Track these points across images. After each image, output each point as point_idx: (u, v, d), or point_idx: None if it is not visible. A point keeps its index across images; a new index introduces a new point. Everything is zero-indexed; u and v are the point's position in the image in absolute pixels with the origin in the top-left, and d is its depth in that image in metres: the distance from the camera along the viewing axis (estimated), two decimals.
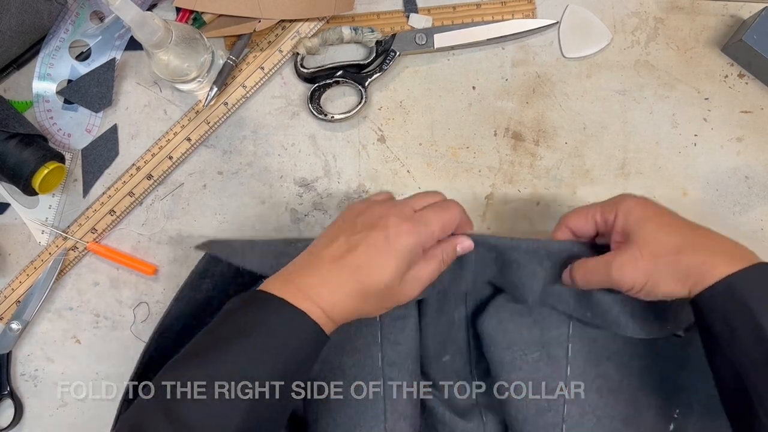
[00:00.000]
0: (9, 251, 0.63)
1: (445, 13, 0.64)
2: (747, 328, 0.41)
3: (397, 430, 0.51)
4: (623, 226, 0.46)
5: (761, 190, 0.63)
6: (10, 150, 0.57)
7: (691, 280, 0.43)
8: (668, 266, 0.44)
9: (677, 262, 0.43)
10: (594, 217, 0.49)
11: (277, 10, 0.61)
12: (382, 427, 0.50)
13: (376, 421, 0.50)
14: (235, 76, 0.63)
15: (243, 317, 0.42)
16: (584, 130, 0.63)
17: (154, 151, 0.63)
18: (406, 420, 0.51)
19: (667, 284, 0.44)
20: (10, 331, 0.61)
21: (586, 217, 0.49)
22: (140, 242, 0.63)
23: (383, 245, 0.44)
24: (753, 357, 0.41)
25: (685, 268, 0.43)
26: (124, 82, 0.64)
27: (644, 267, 0.44)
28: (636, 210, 0.46)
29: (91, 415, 0.62)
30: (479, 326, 0.54)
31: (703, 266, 0.43)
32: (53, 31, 0.63)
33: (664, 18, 0.64)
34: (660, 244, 0.44)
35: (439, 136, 0.64)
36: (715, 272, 0.42)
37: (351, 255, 0.44)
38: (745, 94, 0.63)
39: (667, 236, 0.45)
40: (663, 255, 0.44)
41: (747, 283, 0.42)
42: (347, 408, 0.51)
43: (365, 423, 0.50)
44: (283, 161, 0.63)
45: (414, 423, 0.52)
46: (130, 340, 0.62)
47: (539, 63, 0.64)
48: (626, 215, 0.46)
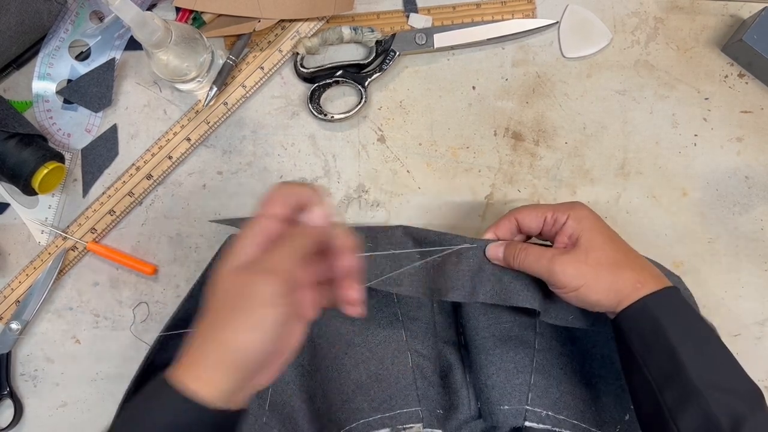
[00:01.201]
0: (9, 251, 0.63)
1: (445, 13, 0.64)
2: (660, 346, 0.44)
3: (428, 396, 0.54)
4: (573, 230, 0.49)
5: (761, 190, 0.63)
6: (9, 150, 0.57)
7: (622, 294, 0.46)
8: (606, 277, 0.47)
9: (615, 275, 0.47)
10: (545, 214, 0.51)
11: (277, 10, 0.61)
12: (415, 395, 0.53)
13: (409, 389, 0.53)
14: (235, 76, 0.63)
15: (138, 405, 0.38)
16: (584, 130, 0.63)
17: (154, 151, 0.63)
18: (434, 387, 0.54)
19: (599, 293, 0.47)
20: (9, 331, 0.61)
21: (537, 213, 0.51)
22: (140, 242, 0.63)
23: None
24: (666, 373, 0.44)
25: (621, 281, 0.46)
26: (124, 82, 0.64)
27: (585, 271, 0.47)
28: (589, 219, 0.49)
29: (91, 415, 0.62)
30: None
31: (637, 283, 0.46)
32: (53, 31, 0.63)
33: (664, 18, 0.64)
34: (605, 255, 0.47)
35: (439, 136, 0.63)
36: (632, 296, 0.46)
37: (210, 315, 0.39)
38: (745, 94, 0.63)
39: (612, 250, 0.48)
40: (605, 265, 0.47)
41: (660, 304, 0.45)
42: (381, 382, 0.54)
43: (399, 392, 0.53)
44: (282, 161, 0.63)
45: (439, 390, 0.55)
46: (130, 340, 0.62)
47: (539, 63, 0.64)
48: (578, 221, 0.49)
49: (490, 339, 0.54)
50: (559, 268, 0.47)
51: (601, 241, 0.48)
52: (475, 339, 0.55)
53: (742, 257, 0.62)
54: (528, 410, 0.52)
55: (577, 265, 0.47)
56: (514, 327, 0.55)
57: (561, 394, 0.53)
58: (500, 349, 0.54)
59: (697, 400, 0.42)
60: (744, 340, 0.62)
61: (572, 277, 0.47)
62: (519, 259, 0.50)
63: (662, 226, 0.63)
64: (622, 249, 0.49)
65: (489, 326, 0.55)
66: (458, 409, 0.54)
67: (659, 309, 0.45)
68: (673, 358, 0.43)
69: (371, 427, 0.52)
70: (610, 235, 0.49)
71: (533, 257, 0.49)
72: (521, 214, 0.52)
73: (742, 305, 0.62)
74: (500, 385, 0.53)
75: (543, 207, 0.52)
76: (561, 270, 0.47)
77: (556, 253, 0.48)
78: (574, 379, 0.55)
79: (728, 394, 0.42)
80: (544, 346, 0.55)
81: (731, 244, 0.63)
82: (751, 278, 0.62)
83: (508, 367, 0.53)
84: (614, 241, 0.49)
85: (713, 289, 0.62)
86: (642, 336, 0.45)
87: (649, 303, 0.46)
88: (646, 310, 0.45)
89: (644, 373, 0.45)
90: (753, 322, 0.62)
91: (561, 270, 0.47)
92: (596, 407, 0.55)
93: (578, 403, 0.54)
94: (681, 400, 0.43)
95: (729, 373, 0.45)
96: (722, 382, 0.43)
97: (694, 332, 0.45)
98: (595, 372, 0.56)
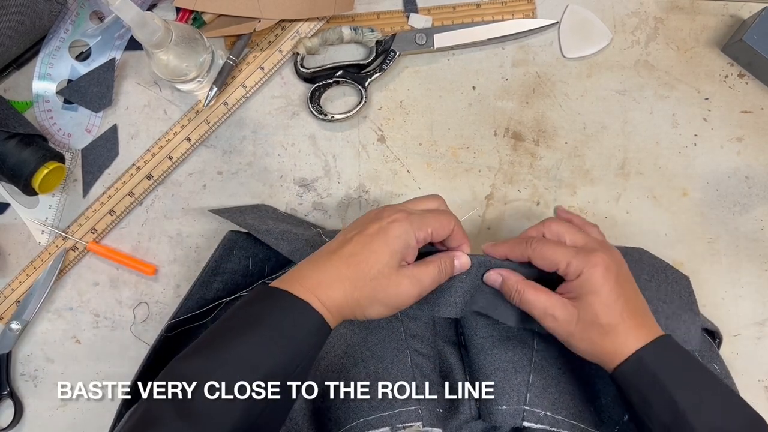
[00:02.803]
0: (9, 251, 0.63)
1: (445, 13, 0.64)
2: (660, 399, 0.44)
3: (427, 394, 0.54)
4: (579, 288, 0.48)
5: (761, 190, 0.63)
6: (10, 150, 0.57)
7: (605, 358, 0.47)
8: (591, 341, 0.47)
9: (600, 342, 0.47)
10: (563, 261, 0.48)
11: (277, 10, 0.61)
12: (414, 393, 0.53)
13: (409, 387, 0.53)
14: (235, 76, 0.63)
15: (249, 310, 0.44)
16: (584, 130, 0.63)
17: (154, 151, 0.63)
18: (434, 387, 0.54)
19: (586, 353, 0.48)
20: (10, 331, 0.61)
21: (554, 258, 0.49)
22: (140, 242, 0.63)
23: (375, 233, 0.46)
24: (669, 424, 0.44)
25: (602, 349, 0.47)
26: (124, 82, 0.64)
27: (572, 331, 0.47)
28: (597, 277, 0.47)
29: (91, 415, 0.62)
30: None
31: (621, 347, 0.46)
32: (53, 31, 0.63)
33: (664, 18, 0.64)
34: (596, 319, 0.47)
35: (439, 136, 0.63)
36: (625, 350, 0.46)
37: (346, 246, 0.46)
38: (745, 94, 0.63)
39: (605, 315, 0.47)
40: (592, 329, 0.47)
41: (655, 355, 0.45)
42: (380, 381, 0.54)
43: (399, 393, 0.53)
44: (282, 161, 0.63)
45: (440, 390, 0.55)
46: (130, 340, 0.62)
47: (539, 63, 0.64)
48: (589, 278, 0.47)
49: (488, 339, 0.54)
50: (551, 323, 0.48)
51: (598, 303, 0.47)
52: (473, 339, 0.55)
53: (742, 257, 0.62)
54: (526, 410, 0.52)
55: (569, 322, 0.47)
56: (513, 327, 0.55)
57: (559, 394, 0.53)
58: (498, 350, 0.54)
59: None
60: (744, 340, 0.62)
61: (557, 329, 0.48)
62: (517, 298, 0.50)
63: (662, 226, 0.63)
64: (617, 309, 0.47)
65: (487, 326, 0.55)
66: (458, 408, 0.54)
67: (654, 361, 0.45)
68: (674, 409, 0.44)
69: (371, 426, 0.52)
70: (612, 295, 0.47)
71: (534, 299, 0.49)
72: (538, 252, 0.49)
73: (742, 305, 0.62)
74: (498, 385, 0.53)
75: (562, 250, 0.48)
76: (553, 323, 0.48)
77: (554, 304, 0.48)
78: (572, 379, 0.55)
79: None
80: (543, 346, 0.55)
81: (731, 244, 0.63)
82: (751, 278, 0.62)
83: (506, 367, 0.53)
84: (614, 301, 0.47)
85: (713, 289, 0.62)
86: (640, 391, 0.45)
87: (644, 357, 0.45)
88: (642, 365, 0.45)
89: (647, 426, 0.45)
90: (753, 322, 0.62)
91: (553, 323, 0.48)
92: (594, 407, 0.55)
93: (577, 403, 0.54)
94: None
95: (732, 415, 0.45)
96: (724, 425, 0.43)
97: (692, 379, 0.45)
98: (593, 372, 0.56)
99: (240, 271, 0.59)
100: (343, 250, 0.46)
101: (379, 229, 0.46)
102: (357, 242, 0.46)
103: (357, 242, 0.46)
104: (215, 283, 0.58)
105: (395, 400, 0.53)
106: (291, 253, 0.55)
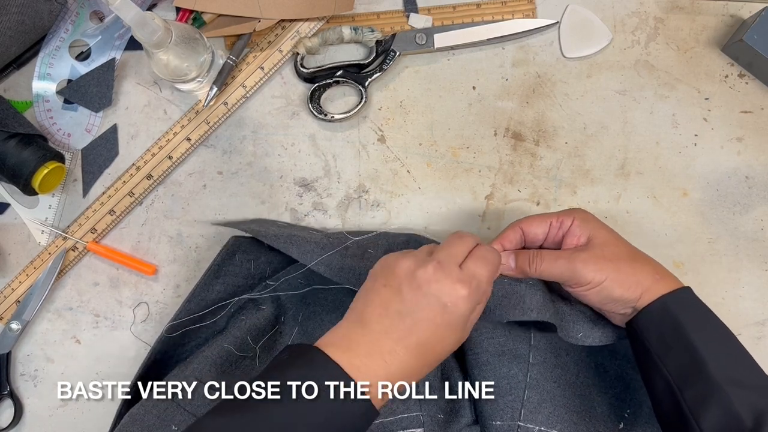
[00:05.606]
0: (9, 251, 0.63)
1: (445, 12, 0.64)
2: (680, 344, 0.44)
3: (429, 400, 0.54)
4: (582, 230, 0.49)
5: (761, 190, 0.63)
6: (10, 150, 0.57)
7: (643, 286, 0.47)
8: (627, 269, 0.47)
9: (634, 267, 0.47)
10: (550, 220, 0.51)
11: (277, 10, 0.61)
12: (416, 400, 0.53)
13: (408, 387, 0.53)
14: (235, 75, 0.63)
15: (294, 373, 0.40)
16: (584, 130, 0.63)
17: (154, 151, 0.63)
18: (434, 388, 0.54)
19: (622, 286, 0.47)
20: (9, 331, 0.61)
21: (541, 220, 0.52)
22: (140, 242, 0.63)
23: (442, 316, 0.42)
24: (686, 371, 0.44)
25: (640, 274, 0.47)
26: (124, 82, 0.64)
27: (605, 265, 0.47)
28: (594, 220, 0.50)
29: (91, 415, 0.62)
30: None
31: (656, 274, 0.47)
32: (53, 30, 0.63)
33: (664, 18, 0.64)
34: (620, 250, 0.48)
35: (439, 136, 0.63)
36: (661, 285, 0.46)
37: (412, 335, 0.42)
38: (745, 94, 0.63)
39: (624, 245, 0.49)
40: (624, 259, 0.48)
41: (679, 302, 0.46)
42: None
43: (401, 404, 0.53)
44: (282, 161, 0.63)
45: (440, 395, 0.55)
46: (130, 340, 0.62)
47: (539, 63, 0.64)
48: (585, 221, 0.50)
49: (483, 354, 0.54)
50: (581, 265, 0.47)
51: (613, 237, 0.49)
52: (469, 353, 0.55)
53: (742, 257, 0.62)
54: (520, 426, 0.52)
55: (596, 260, 0.47)
56: (509, 341, 0.55)
57: (554, 408, 0.53)
58: (493, 365, 0.53)
59: (719, 397, 0.42)
60: (744, 340, 0.60)
61: (594, 272, 0.47)
62: (535, 264, 0.49)
63: (662, 226, 0.63)
64: (628, 246, 0.50)
65: (482, 341, 0.54)
66: (459, 414, 0.54)
67: (678, 307, 0.45)
68: (694, 355, 0.43)
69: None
70: (615, 235, 0.50)
71: (550, 260, 0.49)
72: (526, 223, 0.52)
73: (742, 305, 0.62)
74: (492, 401, 0.53)
75: (546, 214, 0.52)
76: (582, 266, 0.47)
77: (574, 252, 0.48)
78: (567, 391, 0.54)
79: (749, 391, 0.42)
80: (539, 359, 0.55)
81: (731, 244, 0.63)
82: (751, 278, 0.62)
83: (500, 383, 0.53)
84: (618, 238, 0.50)
85: (713, 289, 0.62)
86: (662, 335, 0.45)
87: (668, 301, 0.46)
88: (666, 309, 0.45)
89: (663, 373, 0.45)
90: (753, 322, 0.62)
91: (582, 266, 0.47)
92: (590, 418, 0.54)
93: (572, 416, 0.53)
94: (702, 397, 0.42)
95: (748, 369, 0.44)
96: (743, 378, 0.43)
97: (712, 330, 0.46)
98: (589, 381, 0.56)
99: (242, 273, 0.59)
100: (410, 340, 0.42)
101: (444, 311, 0.42)
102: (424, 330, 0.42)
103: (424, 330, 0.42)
104: (217, 285, 0.58)
105: (396, 406, 0.52)
106: (301, 255, 0.55)
